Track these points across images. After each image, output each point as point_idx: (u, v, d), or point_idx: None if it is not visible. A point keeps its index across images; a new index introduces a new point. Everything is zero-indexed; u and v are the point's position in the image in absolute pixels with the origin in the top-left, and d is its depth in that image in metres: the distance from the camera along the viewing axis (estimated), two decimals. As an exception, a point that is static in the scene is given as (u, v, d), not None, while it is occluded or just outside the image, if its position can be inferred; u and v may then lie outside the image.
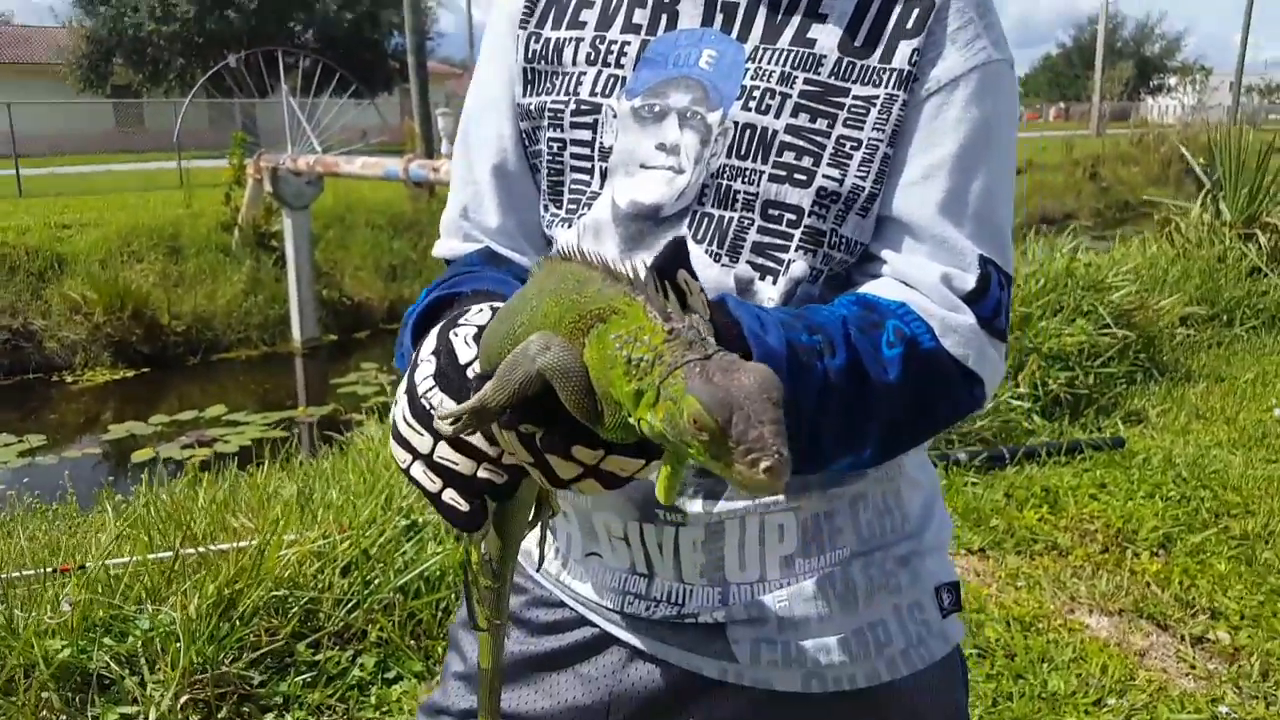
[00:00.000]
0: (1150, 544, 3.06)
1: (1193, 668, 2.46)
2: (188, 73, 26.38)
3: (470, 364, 0.63)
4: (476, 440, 0.62)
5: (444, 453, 0.63)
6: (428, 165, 8.73)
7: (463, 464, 0.62)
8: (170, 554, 2.31)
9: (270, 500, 2.85)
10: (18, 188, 15.57)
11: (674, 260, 0.56)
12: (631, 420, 0.52)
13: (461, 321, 0.66)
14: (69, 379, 9.79)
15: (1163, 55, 49.08)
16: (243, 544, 2.34)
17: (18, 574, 2.40)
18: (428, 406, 0.63)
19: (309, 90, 13.74)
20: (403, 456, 0.65)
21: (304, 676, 2.13)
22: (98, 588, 2.19)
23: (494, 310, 0.67)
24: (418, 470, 0.64)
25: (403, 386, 0.66)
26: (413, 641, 2.25)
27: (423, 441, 0.63)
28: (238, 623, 2.08)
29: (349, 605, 2.23)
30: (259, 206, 11.47)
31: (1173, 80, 50.11)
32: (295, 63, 15.72)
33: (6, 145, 17.78)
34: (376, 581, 2.30)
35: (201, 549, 2.33)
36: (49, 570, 2.33)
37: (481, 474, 0.62)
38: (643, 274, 0.55)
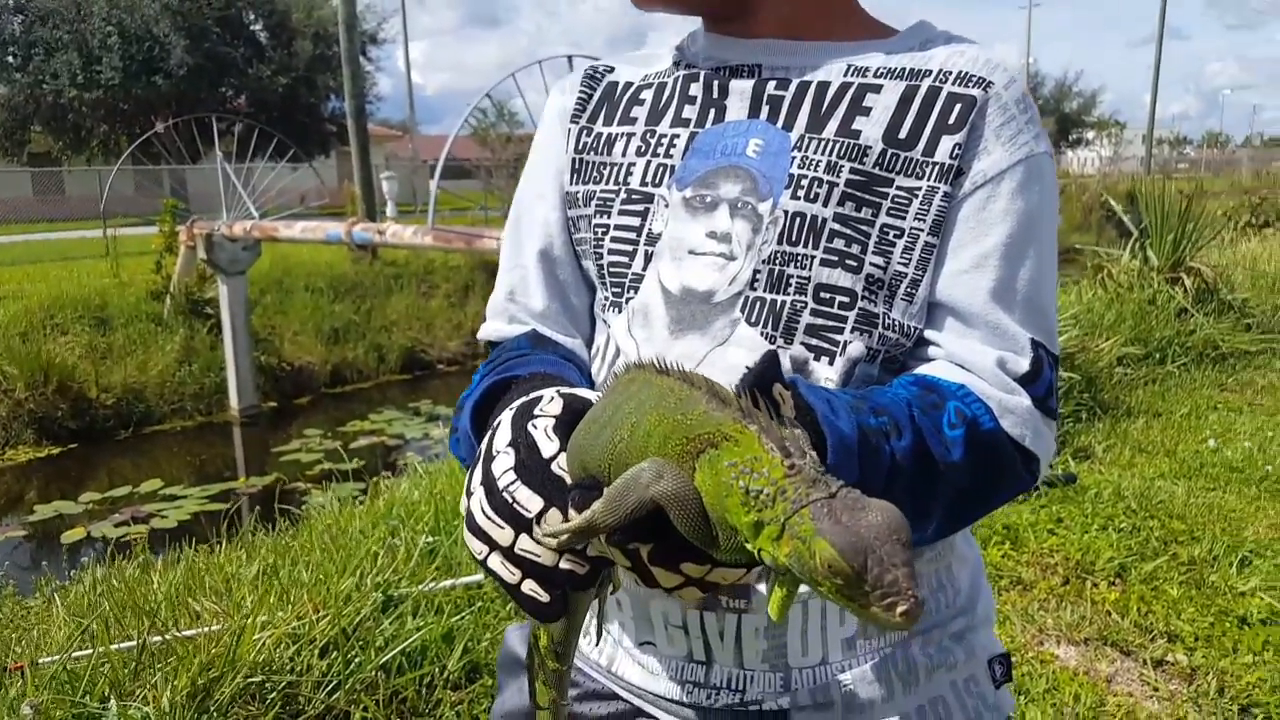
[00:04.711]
0: (1107, 574, 3.16)
1: (1156, 690, 2.55)
2: (112, 139, 25.78)
3: (554, 458, 0.63)
4: None
5: (525, 545, 0.63)
6: (371, 228, 8.62)
7: (545, 556, 0.62)
8: (134, 644, 2.22)
9: (234, 581, 2.76)
10: (-71, 261, 15.02)
11: (766, 374, 0.58)
12: (749, 547, 0.52)
13: (538, 413, 0.66)
14: (-11, 458, 9.38)
15: (1080, 111, 50.83)
16: (212, 629, 2.26)
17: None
18: (510, 500, 0.63)
19: (244, 155, 13.56)
20: (479, 548, 0.65)
21: (286, 764, 2.05)
22: (56, 686, 2.09)
23: (563, 397, 0.67)
24: (495, 561, 0.64)
25: (477, 478, 0.66)
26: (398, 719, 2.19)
27: (503, 534, 0.63)
28: (215, 713, 2.00)
29: (330, 687, 2.15)
30: (192, 274, 11.20)
31: (1090, 134, 52.34)
32: (228, 127, 15.50)
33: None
34: (358, 661, 2.23)
35: (168, 636, 2.24)
36: None
37: (564, 565, 0.62)
38: (741, 392, 0.56)
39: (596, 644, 0.93)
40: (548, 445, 0.64)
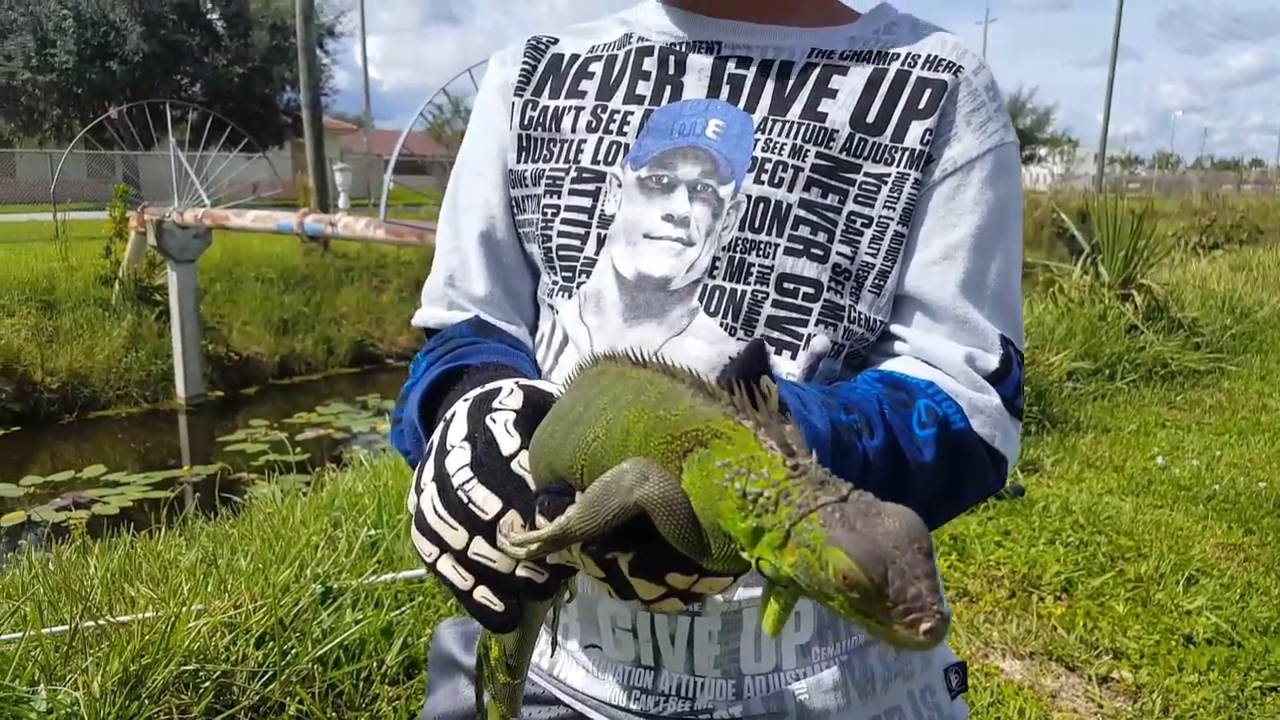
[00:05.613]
0: (1054, 588, 3.16)
1: (1100, 707, 2.54)
2: (65, 123, 25.27)
3: (514, 456, 0.59)
4: None
5: (480, 549, 0.57)
6: (323, 219, 8.52)
7: (500, 562, 0.57)
8: (66, 628, 2.15)
9: (171, 567, 2.68)
10: (-127, 238, 14.55)
11: (753, 365, 0.54)
12: (746, 555, 0.48)
13: (496, 405, 0.61)
14: (-73, 440, 9.10)
15: (1034, 128, 51.16)
16: (146, 615, 2.19)
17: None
18: (465, 500, 0.58)
19: (197, 143, 13.34)
20: (429, 550, 0.60)
21: (218, 757, 1.99)
22: (-19, 668, 2.01)
23: (523, 389, 0.63)
24: (446, 565, 0.59)
25: (429, 473, 0.61)
26: (334, 714, 2.12)
27: (456, 536, 0.58)
28: (146, 701, 1.93)
29: (265, 678, 2.09)
30: (142, 260, 11.01)
31: (1043, 151, 53.00)
32: (183, 115, 15.26)
33: None
34: (294, 652, 2.17)
35: (101, 621, 2.16)
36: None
37: (521, 573, 0.57)
38: (730, 383, 0.51)
39: (551, 655, 0.88)
40: (508, 441, 0.59)
